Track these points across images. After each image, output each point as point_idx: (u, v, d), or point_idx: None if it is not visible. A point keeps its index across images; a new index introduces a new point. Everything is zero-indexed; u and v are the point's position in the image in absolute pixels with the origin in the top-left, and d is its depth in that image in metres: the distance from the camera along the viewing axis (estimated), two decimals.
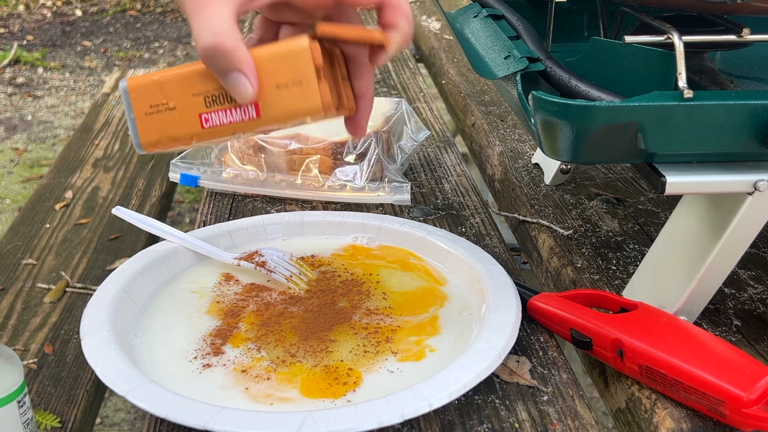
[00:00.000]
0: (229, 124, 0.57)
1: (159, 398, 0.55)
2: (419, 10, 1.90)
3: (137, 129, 0.58)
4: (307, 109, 0.56)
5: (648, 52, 0.61)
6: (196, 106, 0.57)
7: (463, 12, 0.83)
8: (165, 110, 0.57)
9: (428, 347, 0.65)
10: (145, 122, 0.58)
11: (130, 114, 0.58)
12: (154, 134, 0.58)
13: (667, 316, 0.63)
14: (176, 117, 0.57)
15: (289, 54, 0.55)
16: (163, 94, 0.57)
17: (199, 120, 0.57)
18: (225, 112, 0.57)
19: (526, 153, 1.05)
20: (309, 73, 0.55)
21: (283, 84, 0.55)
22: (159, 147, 0.58)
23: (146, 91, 0.57)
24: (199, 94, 0.57)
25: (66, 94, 3.86)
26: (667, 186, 0.60)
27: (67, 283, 1.14)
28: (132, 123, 0.58)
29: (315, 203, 0.93)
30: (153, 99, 0.57)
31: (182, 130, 0.58)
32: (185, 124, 0.57)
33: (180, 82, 0.57)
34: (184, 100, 0.57)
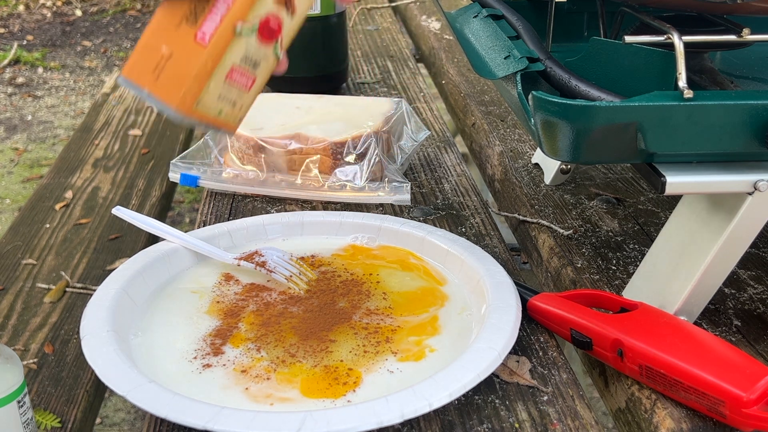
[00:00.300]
0: (222, 23, 0.54)
1: (159, 398, 0.55)
2: (419, 10, 1.90)
3: (160, 98, 0.54)
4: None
5: (648, 52, 0.61)
6: (186, 34, 0.54)
7: (463, 12, 0.83)
8: (166, 62, 0.54)
9: (428, 347, 0.65)
10: (161, 87, 0.54)
11: (144, 92, 0.55)
12: (176, 91, 0.54)
13: (667, 316, 0.63)
14: (178, 58, 0.54)
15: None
16: (153, 52, 0.54)
17: (196, 41, 0.54)
18: (210, 16, 0.54)
19: (526, 153, 1.05)
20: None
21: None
22: (189, 97, 0.55)
23: (139, 62, 0.55)
24: (180, 23, 0.54)
25: (66, 94, 3.86)
26: (667, 186, 0.60)
27: (67, 283, 1.14)
28: (152, 99, 0.54)
29: (315, 203, 0.93)
30: (149, 63, 0.54)
31: (194, 64, 0.54)
32: (190, 56, 0.54)
33: (156, 30, 0.55)
34: (173, 39, 0.54)
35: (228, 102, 0.58)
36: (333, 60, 1.25)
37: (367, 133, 0.94)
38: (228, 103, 0.58)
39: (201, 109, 0.56)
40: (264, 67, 0.59)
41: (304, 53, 1.21)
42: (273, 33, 0.57)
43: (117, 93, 2.12)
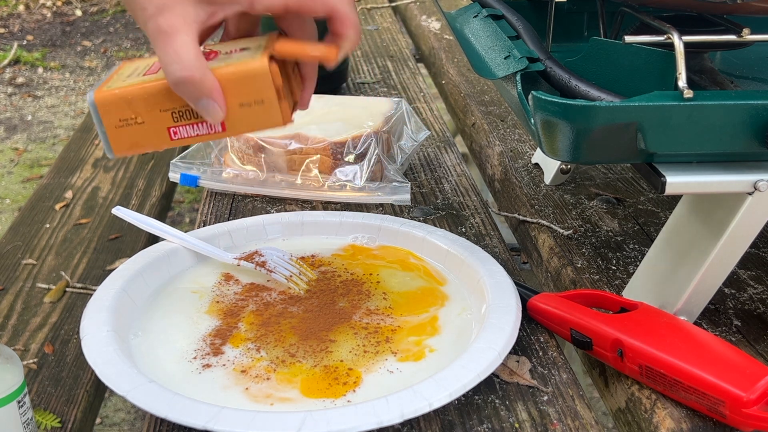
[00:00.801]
0: (197, 137, 0.60)
1: (159, 398, 0.55)
2: (419, 10, 1.90)
3: (108, 140, 0.60)
4: (269, 125, 0.61)
5: (648, 52, 0.61)
6: (164, 120, 0.59)
7: (463, 12, 0.83)
8: (134, 124, 0.59)
9: (428, 347, 0.65)
10: (115, 134, 0.59)
11: (101, 127, 0.59)
12: (125, 144, 0.60)
13: (667, 316, 0.63)
14: (146, 130, 0.59)
15: (251, 76, 0.58)
16: (131, 110, 0.59)
17: (168, 133, 0.60)
18: (192, 126, 0.60)
19: (526, 153, 1.05)
20: (270, 93, 0.59)
21: (246, 103, 0.59)
22: (130, 153, 0.61)
23: (114, 106, 0.59)
24: (167, 110, 0.59)
25: (66, 94, 3.87)
26: (667, 186, 0.60)
27: (67, 283, 1.14)
28: (103, 134, 0.60)
29: (315, 203, 0.93)
30: (121, 114, 0.59)
31: (152, 142, 0.60)
32: (155, 136, 0.60)
33: (147, 98, 0.59)
34: (152, 116, 0.59)
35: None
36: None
37: (367, 133, 0.94)
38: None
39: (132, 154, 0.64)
40: None
41: None
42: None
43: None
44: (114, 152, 0.60)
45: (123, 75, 0.61)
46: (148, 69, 0.61)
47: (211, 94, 0.57)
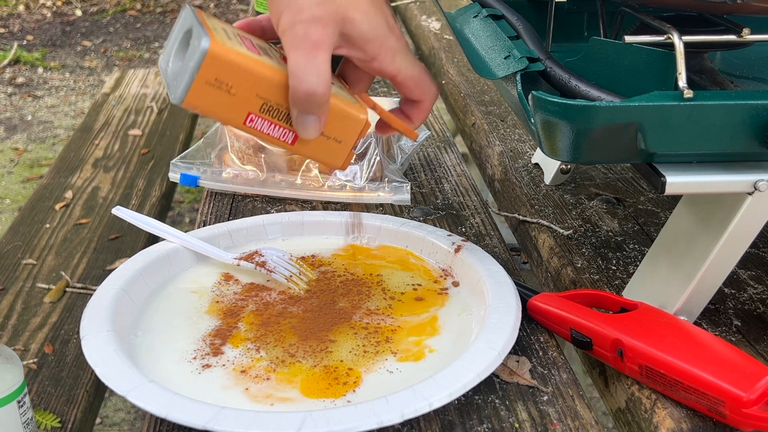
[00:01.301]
0: (265, 135, 0.60)
1: (159, 398, 0.55)
2: (419, 10, 1.90)
3: (189, 89, 0.56)
4: (328, 162, 0.64)
5: (648, 52, 0.61)
6: (253, 105, 0.59)
7: (463, 12, 0.83)
8: (225, 90, 0.57)
9: (427, 347, 0.65)
10: (200, 88, 0.56)
11: (193, 73, 0.56)
12: (199, 100, 0.57)
13: (667, 316, 0.63)
14: (229, 102, 0.58)
15: (350, 118, 0.62)
16: (233, 78, 0.57)
17: (246, 117, 0.59)
18: (270, 124, 0.60)
19: (526, 153, 1.05)
20: (351, 139, 0.63)
21: (327, 135, 0.62)
22: (194, 110, 0.59)
23: (222, 65, 0.56)
24: (262, 98, 0.59)
25: (66, 94, 3.87)
26: (667, 186, 0.60)
27: (67, 283, 1.14)
28: (188, 80, 0.56)
29: (315, 203, 0.93)
30: (222, 75, 0.57)
31: (225, 113, 0.59)
32: (232, 111, 0.58)
33: (256, 78, 0.58)
34: (246, 95, 0.58)
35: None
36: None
37: (367, 133, 0.94)
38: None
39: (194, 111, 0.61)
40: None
41: None
42: None
43: (117, 93, 2.13)
44: (185, 101, 0.57)
45: (219, 31, 0.58)
46: (244, 43, 0.59)
47: (321, 114, 0.59)
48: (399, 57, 0.62)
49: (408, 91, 0.65)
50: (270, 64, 0.58)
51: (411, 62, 0.63)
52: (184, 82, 0.56)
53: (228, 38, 0.58)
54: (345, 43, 0.60)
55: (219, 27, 0.59)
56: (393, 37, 0.61)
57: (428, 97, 0.65)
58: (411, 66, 0.63)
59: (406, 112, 0.67)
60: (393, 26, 0.62)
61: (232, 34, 0.59)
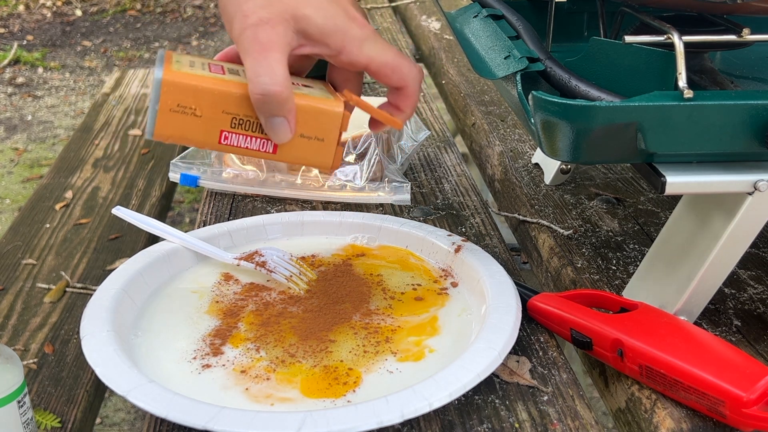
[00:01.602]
0: (245, 149, 0.60)
1: (159, 398, 0.55)
2: (419, 10, 1.90)
3: (156, 120, 0.58)
4: (317, 163, 0.62)
5: (648, 52, 0.61)
6: (222, 122, 0.59)
7: (463, 12, 0.83)
8: (190, 114, 0.58)
9: (427, 347, 0.65)
10: (166, 117, 0.58)
11: (155, 105, 0.58)
12: (170, 129, 0.58)
13: (667, 316, 0.63)
14: (198, 124, 0.59)
15: (324, 113, 0.61)
16: (195, 100, 0.58)
17: (219, 135, 0.59)
18: (246, 138, 0.60)
19: (526, 153, 1.05)
20: (333, 135, 0.61)
21: (307, 135, 0.61)
22: (169, 140, 0.59)
23: (180, 90, 0.58)
24: (230, 114, 0.59)
25: (66, 94, 3.87)
26: (667, 186, 0.60)
27: (67, 283, 1.14)
28: (153, 113, 0.58)
29: (315, 203, 0.93)
30: (183, 100, 0.58)
31: (198, 137, 0.59)
32: (204, 133, 0.59)
33: (216, 97, 0.58)
34: (213, 113, 0.58)
35: None
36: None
37: (367, 133, 0.94)
38: None
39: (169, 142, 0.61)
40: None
41: None
42: None
43: (117, 93, 2.13)
44: (155, 134, 0.58)
45: (183, 63, 0.59)
46: (209, 67, 0.60)
47: (288, 114, 0.58)
48: (367, 45, 0.60)
49: (387, 79, 0.62)
50: (230, 79, 0.59)
51: (382, 48, 0.61)
52: (151, 114, 0.58)
53: (189, 67, 0.59)
54: (306, 41, 0.59)
55: (185, 60, 0.60)
56: (355, 26, 0.60)
57: (410, 81, 0.63)
58: (383, 52, 0.61)
59: (394, 102, 0.65)
60: (354, 16, 0.60)
61: (198, 63, 0.60)
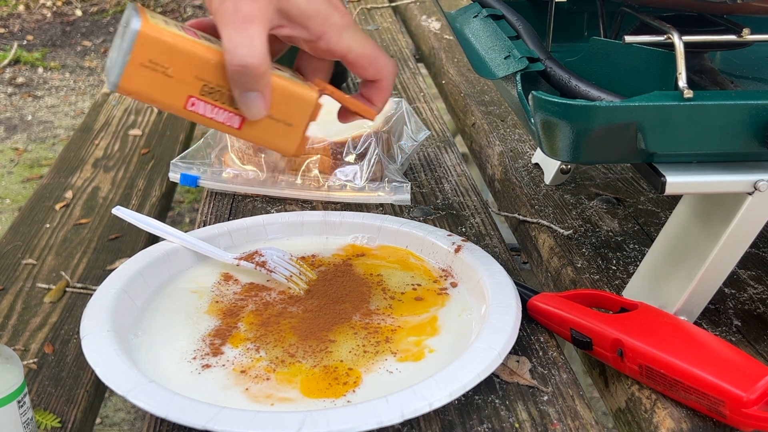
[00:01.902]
0: (210, 120, 0.58)
1: (159, 398, 0.55)
2: (419, 10, 1.90)
3: (123, 72, 0.55)
4: (280, 148, 0.61)
5: (648, 52, 0.61)
6: (192, 87, 0.57)
7: (463, 12, 0.83)
8: (161, 72, 0.56)
9: (427, 348, 0.65)
10: (135, 70, 0.55)
11: (126, 56, 0.55)
12: (136, 85, 0.56)
13: (667, 316, 0.63)
14: (167, 85, 0.56)
15: (297, 98, 0.60)
16: (168, 59, 0.55)
17: (186, 100, 0.57)
18: (213, 108, 0.58)
19: (526, 153, 1.05)
20: (302, 122, 0.61)
21: (276, 117, 0.59)
22: (132, 96, 0.57)
23: (155, 45, 0.55)
24: (201, 81, 0.57)
25: (66, 94, 3.86)
26: (667, 186, 0.60)
27: (67, 283, 1.14)
28: (121, 63, 0.55)
29: (315, 203, 0.93)
30: (156, 56, 0.55)
31: (164, 98, 0.57)
32: (171, 95, 0.57)
33: (192, 59, 0.56)
34: (184, 76, 0.56)
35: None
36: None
37: (367, 133, 0.94)
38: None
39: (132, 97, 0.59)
40: None
41: None
42: None
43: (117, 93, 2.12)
44: (120, 87, 0.56)
45: (158, 20, 0.57)
46: (184, 30, 0.57)
47: (263, 90, 0.57)
48: (347, 34, 0.60)
49: (363, 71, 0.62)
50: (208, 45, 0.57)
51: (361, 39, 0.61)
52: (118, 65, 0.55)
53: (165, 24, 0.56)
54: (286, 22, 0.58)
55: (159, 18, 0.58)
56: (337, 14, 0.59)
57: (385, 74, 0.62)
58: (362, 43, 0.60)
59: (366, 95, 0.64)
60: (336, 4, 0.60)
61: (173, 24, 0.58)
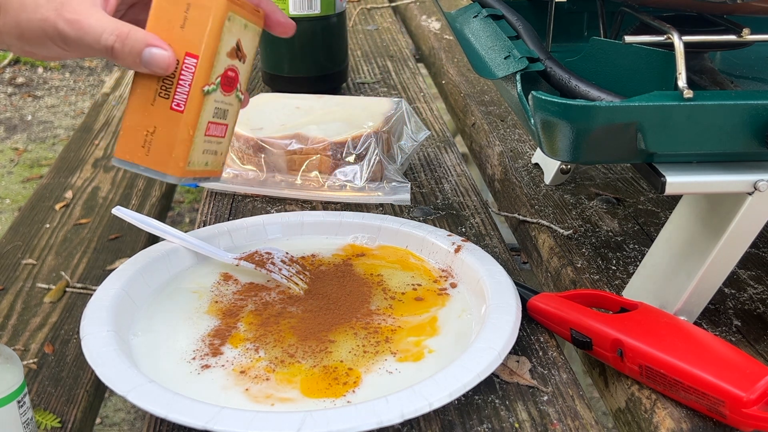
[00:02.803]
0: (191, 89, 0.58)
1: (159, 398, 0.55)
2: (419, 10, 1.90)
3: (154, 169, 0.60)
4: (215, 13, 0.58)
5: (648, 52, 0.61)
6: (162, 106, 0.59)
7: (463, 12, 0.83)
8: (151, 136, 0.59)
9: (427, 348, 0.65)
10: (152, 159, 0.59)
11: (139, 167, 0.59)
12: (167, 158, 0.59)
13: (667, 316, 0.63)
14: (162, 129, 0.59)
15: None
16: (138, 130, 0.59)
17: (173, 110, 0.59)
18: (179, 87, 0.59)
19: (526, 153, 1.05)
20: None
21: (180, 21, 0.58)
22: (180, 161, 0.59)
23: (127, 142, 0.59)
24: (154, 99, 0.59)
25: (66, 94, 3.86)
26: (667, 186, 0.60)
27: (67, 283, 1.14)
28: (148, 171, 0.60)
29: (315, 203, 0.93)
30: (137, 140, 0.59)
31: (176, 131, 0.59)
32: (172, 125, 0.59)
33: (135, 110, 0.59)
34: (152, 115, 0.59)
35: (211, 153, 0.63)
36: (333, 60, 1.25)
37: (367, 133, 0.94)
38: (211, 154, 0.63)
39: (191, 168, 0.61)
40: (232, 112, 0.65)
41: (304, 53, 1.21)
42: (233, 81, 0.63)
43: (117, 93, 2.12)
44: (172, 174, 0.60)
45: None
46: None
47: (146, 40, 0.57)
48: None
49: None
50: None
51: None
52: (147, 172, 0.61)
53: None
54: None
55: None
56: None
57: None
58: None
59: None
60: None
61: None
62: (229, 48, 0.61)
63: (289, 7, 1.18)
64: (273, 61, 1.24)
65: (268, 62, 1.25)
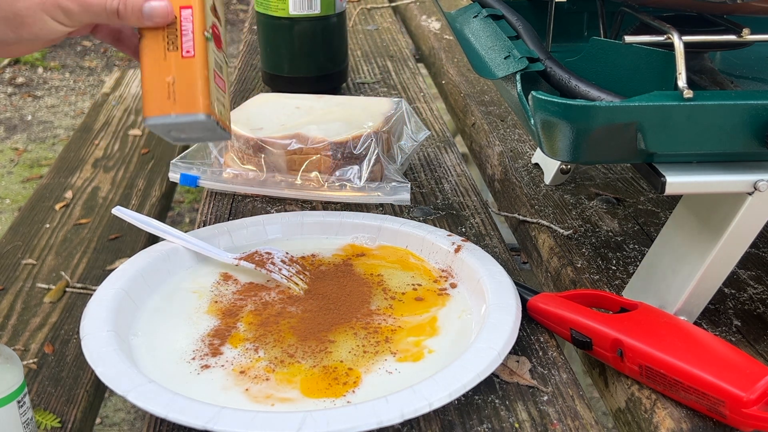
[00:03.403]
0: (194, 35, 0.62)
1: (159, 398, 0.55)
2: (419, 10, 1.90)
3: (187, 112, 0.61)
4: None
5: (648, 52, 0.61)
6: (174, 57, 0.62)
7: (463, 12, 0.83)
8: (173, 86, 0.61)
9: (426, 348, 0.65)
10: (181, 105, 0.61)
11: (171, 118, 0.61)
12: (194, 99, 0.61)
13: (667, 316, 0.63)
14: (181, 77, 0.61)
15: None
16: (159, 86, 0.61)
17: (185, 58, 0.62)
18: (183, 36, 0.62)
19: (526, 153, 1.05)
20: None
21: None
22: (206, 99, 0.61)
23: (153, 100, 0.61)
24: (165, 54, 0.62)
25: (66, 94, 3.86)
26: (667, 186, 0.60)
27: (67, 283, 1.14)
28: (181, 118, 0.61)
29: (315, 203, 0.93)
30: (161, 95, 0.61)
31: (194, 73, 0.61)
32: (188, 70, 0.61)
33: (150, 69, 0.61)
34: (167, 68, 0.61)
35: (220, 104, 0.65)
36: (333, 60, 1.25)
37: (367, 133, 0.94)
38: (220, 105, 0.65)
39: (213, 109, 0.63)
40: (225, 71, 0.68)
41: (304, 53, 1.21)
42: (219, 39, 0.66)
43: (117, 93, 2.13)
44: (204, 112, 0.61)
45: None
46: None
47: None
48: None
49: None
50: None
51: None
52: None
53: None
54: None
55: None
56: None
57: None
58: None
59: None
60: None
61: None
62: (211, 2, 0.65)
63: (289, 7, 1.18)
64: (273, 61, 1.24)
65: (268, 62, 1.25)
